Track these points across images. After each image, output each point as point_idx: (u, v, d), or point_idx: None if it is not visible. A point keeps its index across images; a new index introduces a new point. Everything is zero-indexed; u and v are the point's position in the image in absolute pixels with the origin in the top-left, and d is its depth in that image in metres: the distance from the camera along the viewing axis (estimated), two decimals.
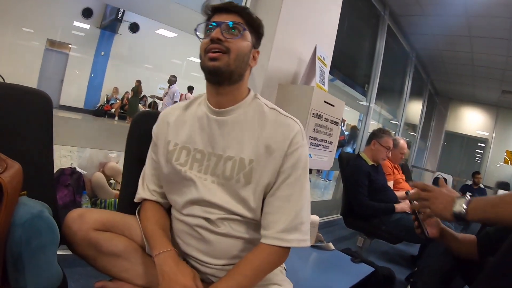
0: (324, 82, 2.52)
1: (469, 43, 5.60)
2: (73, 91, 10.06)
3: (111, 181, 2.41)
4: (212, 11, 1.00)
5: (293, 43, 2.47)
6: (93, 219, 0.95)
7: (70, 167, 2.22)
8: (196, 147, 1.01)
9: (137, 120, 1.23)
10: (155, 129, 1.10)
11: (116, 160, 2.54)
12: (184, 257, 1.02)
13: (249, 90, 1.06)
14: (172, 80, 8.40)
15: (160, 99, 9.69)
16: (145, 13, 2.18)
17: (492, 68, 6.47)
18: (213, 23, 0.96)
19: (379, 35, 5.08)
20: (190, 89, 9.23)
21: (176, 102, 6.77)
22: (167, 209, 1.12)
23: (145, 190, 1.10)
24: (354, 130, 7.83)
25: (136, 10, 2.14)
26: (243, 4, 2.46)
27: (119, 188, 2.26)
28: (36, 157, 1.02)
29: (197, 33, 1.01)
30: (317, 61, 2.45)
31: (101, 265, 0.98)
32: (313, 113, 2.18)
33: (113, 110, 10.65)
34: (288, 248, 0.97)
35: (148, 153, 1.12)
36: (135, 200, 1.11)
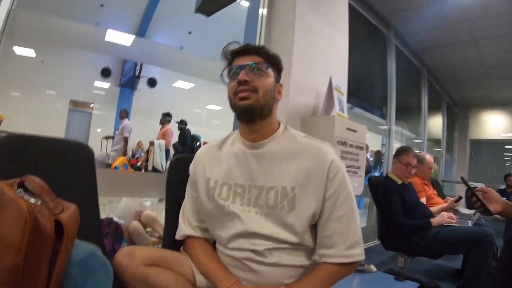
0: (343, 110, 2.63)
1: (475, 47, 5.64)
2: (98, 148, 10.44)
3: (148, 229, 2.48)
4: (232, 56, 1.10)
5: (309, 78, 2.61)
6: (141, 255, 1.00)
7: (107, 217, 2.31)
8: (236, 182, 1.07)
9: (173, 163, 1.34)
10: (192, 168, 1.18)
11: (151, 208, 2.62)
12: None
13: (279, 123, 1.14)
14: (123, 115, 7.51)
15: (112, 137, 9.37)
16: (164, 64, 2.34)
17: (504, 66, 6.44)
18: (236, 67, 1.06)
19: (388, 56, 5.21)
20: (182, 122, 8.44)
21: (127, 137, 6.78)
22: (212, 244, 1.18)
23: (186, 226, 1.16)
24: (378, 154, 7.81)
25: (155, 63, 2.30)
26: (257, 41, 2.65)
27: (156, 235, 2.35)
28: (83, 204, 1.06)
29: (222, 78, 1.12)
30: (334, 91, 2.57)
31: None
32: (337, 141, 2.27)
33: (139, 164, 10.90)
34: (354, 264, 1.04)
35: (186, 191, 1.20)
36: (177, 237, 1.16)
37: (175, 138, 7.70)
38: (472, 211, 3.08)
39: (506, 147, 9.66)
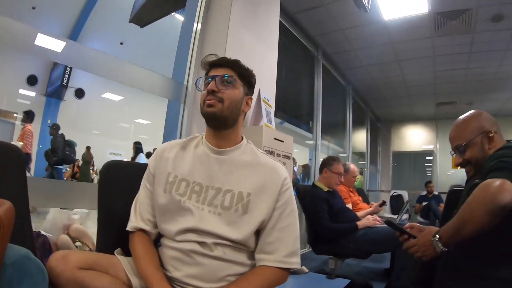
0: (271, 122, 2.73)
1: (398, 67, 6.17)
2: None
3: (77, 243, 2.35)
4: (210, 66, 1.19)
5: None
6: (76, 258, 0.99)
7: (34, 231, 2.16)
8: (195, 180, 1.12)
9: (106, 169, 1.32)
10: (152, 162, 1.20)
11: (79, 222, 2.51)
12: (173, 283, 1.06)
13: (242, 136, 1.23)
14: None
15: None
16: (97, 71, 2.26)
17: (423, 85, 7.11)
18: (210, 78, 1.14)
19: (316, 74, 5.50)
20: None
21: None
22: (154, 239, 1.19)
23: (138, 219, 1.16)
24: (306, 168, 8.08)
25: (88, 69, 2.21)
26: (188, 63, 2.68)
27: (85, 249, 2.25)
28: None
29: (197, 86, 1.19)
30: (262, 103, 2.67)
31: None
32: (265, 150, 2.34)
33: (64, 179, 10.31)
34: (288, 271, 1.12)
35: (141, 184, 1.21)
36: (128, 228, 1.16)
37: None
38: (395, 216, 3.30)
39: (426, 158, 10.46)
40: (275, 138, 2.49)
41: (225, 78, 1.14)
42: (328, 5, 4.32)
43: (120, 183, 1.24)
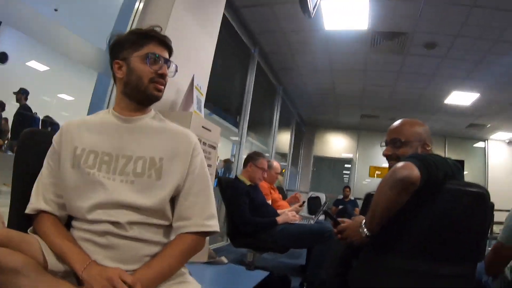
0: (200, 110, 2.67)
1: (330, 76, 6.42)
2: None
3: None
4: (149, 37, 1.13)
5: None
6: None
7: None
8: (104, 151, 1.06)
9: (25, 137, 1.19)
10: (57, 138, 1.11)
11: None
12: None
13: (151, 108, 1.20)
14: None
15: None
16: (24, 29, 2.05)
17: (351, 96, 7.47)
18: (158, 56, 1.11)
19: (249, 70, 5.51)
20: None
21: None
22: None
23: (39, 200, 1.06)
24: (228, 163, 8.10)
25: (18, 26, 2.00)
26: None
27: None
28: None
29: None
30: (194, 90, 2.60)
31: (1, 286, 0.88)
32: None
33: None
34: (206, 235, 1.10)
35: (44, 163, 1.11)
36: (27, 211, 1.05)
37: None
38: (313, 216, 3.42)
39: (345, 165, 11.04)
40: (203, 127, 2.45)
41: (169, 62, 1.16)
42: (275, 6, 4.36)
43: (38, 152, 1.13)
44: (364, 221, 1.33)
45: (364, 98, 7.50)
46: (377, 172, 9.99)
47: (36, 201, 1.06)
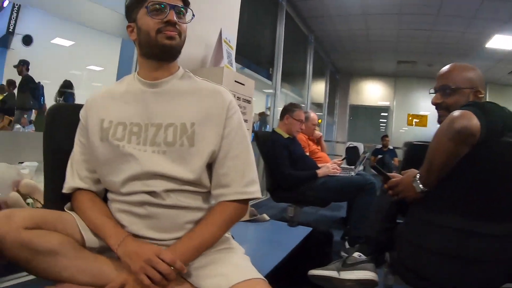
0: (232, 64, 2.57)
1: (363, 20, 6.09)
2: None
3: (28, 200, 2.18)
4: None
5: (199, 29, 2.48)
6: (22, 217, 0.86)
7: None
8: (132, 121, 1.00)
9: (52, 112, 1.16)
10: (83, 113, 1.06)
11: (29, 176, 2.33)
12: None
13: (178, 66, 1.10)
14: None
15: None
16: (43, 5, 2.01)
17: (386, 41, 7.11)
18: (164, 4, 0.99)
19: (278, 20, 5.29)
20: None
21: None
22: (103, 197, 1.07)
23: (75, 178, 1.04)
24: (263, 116, 8.03)
25: (36, 4, 1.96)
26: None
27: (38, 206, 2.10)
28: None
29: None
30: (223, 43, 2.49)
31: (40, 268, 0.88)
32: None
33: None
34: (247, 201, 1.04)
35: (75, 140, 1.07)
36: (64, 190, 1.04)
37: None
38: (352, 167, 3.34)
39: (381, 114, 10.75)
40: (235, 81, 2.35)
41: (182, 9, 1.03)
42: None
43: (67, 127, 1.08)
44: (418, 175, 1.24)
45: (400, 43, 7.14)
46: (415, 120, 9.71)
47: (72, 180, 1.04)
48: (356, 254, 1.58)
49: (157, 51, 1.00)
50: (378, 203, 1.68)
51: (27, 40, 9.95)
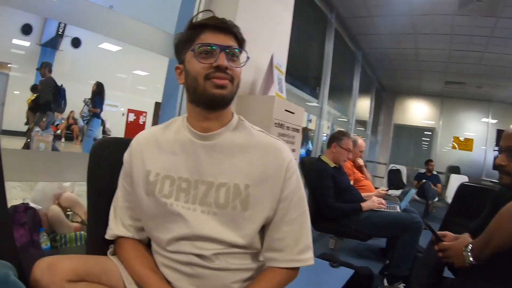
0: (282, 91, 2.54)
1: (413, 40, 5.93)
2: (15, 114, 9.44)
3: (68, 213, 2.21)
4: (202, 27, 0.92)
5: (250, 53, 2.45)
6: (64, 268, 0.83)
7: (23, 203, 2.00)
8: (180, 176, 0.93)
9: (96, 148, 1.12)
10: (127, 157, 1.00)
11: (71, 189, 2.36)
12: None
13: (232, 112, 1.01)
14: None
15: None
16: (89, 26, 2.05)
17: (435, 61, 6.89)
18: (214, 47, 0.89)
19: (327, 38, 5.22)
20: None
21: None
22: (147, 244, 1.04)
23: (118, 225, 1.00)
24: (305, 131, 7.94)
25: (80, 24, 2.01)
26: (195, 11, 2.43)
27: (78, 220, 2.12)
28: None
29: (194, 52, 0.92)
30: (275, 69, 2.46)
31: None
32: (275, 123, 2.17)
33: (59, 131, 10.19)
34: (298, 268, 0.97)
35: (119, 183, 1.02)
36: (107, 236, 1.01)
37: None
38: (398, 192, 3.23)
39: (425, 133, 10.41)
40: (286, 110, 2.31)
41: (236, 51, 0.93)
42: None
43: (112, 165, 1.06)
44: (470, 246, 1.17)
45: (450, 64, 6.88)
46: (460, 143, 9.36)
47: (115, 227, 1.00)
48: None
49: (205, 100, 0.91)
50: (426, 255, 1.61)
51: (76, 43, 10.46)
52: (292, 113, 2.37)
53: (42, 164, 1.76)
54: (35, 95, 6.23)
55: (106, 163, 1.08)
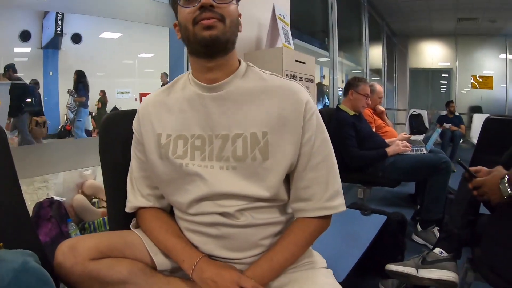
0: (289, 42, 2.42)
1: None
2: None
3: (94, 200, 2.22)
4: None
5: (250, 8, 2.36)
6: (86, 247, 0.81)
7: (47, 198, 2.00)
8: (193, 133, 0.88)
9: (105, 124, 1.09)
10: (136, 125, 0.96)
11: (93, 177, 2.36)
12: None
13: (239, 60, 0.94)
14: None
15: None
16: (86, 11, 2.00)
17: None
18: None
19: None
20: None
21: None
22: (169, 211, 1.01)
23: (137, 196, 0.97)
24: (320, 86, 7.77)
25: (77, 10, 1.95)
26: None
27: (103, 205, 2.14)
28: (3, 200, 0.88)
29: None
30: (278, 21, 2.35)
31: None
32: (287, 74, 2.10)
33: (91, 128, 10.34)
34: (331, 216, 0.92)
35: (132, 154, 0.99)
36: (127, 210, 0.98)
37: None
38: (421, 137, 3.14)
39: (443, 75, 10.05)
40: (296, 60, 2.21)
41: None
42: None
43: (123, 138, 1.03)
44: (507, 177, 1.11)
45: None
46: (479, 82, 9.04)
47: (134, 198, 0.97)
48: (437, 250, 1.48)
49: (198, 47, 0.84)
50: (459, 193, 1.54)
51: (76, 38, 10.41)
52: (303, 63, 2.28)
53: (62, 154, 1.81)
54: None
55: (117, 138, 1.06)
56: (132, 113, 1.01)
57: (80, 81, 6.00)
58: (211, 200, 0.86)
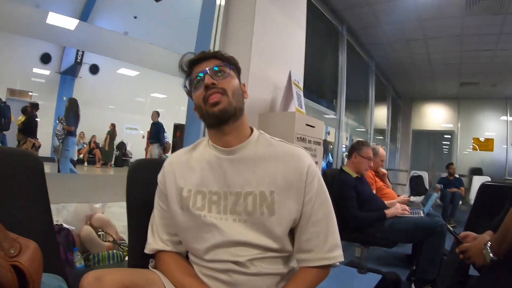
0: (301, 106, 2.63)
1: (424, 45, 5.97)
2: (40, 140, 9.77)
3: (100, 233, 2.29)
4: (190, 66, 1.08)
5: (268, 72, 2.56)
6: (112, 281, 0.87)
7: (57, 224, 2.08)
8: (210, 190, 1.02)
9: (134, 169, 1.23)
10: (161, 178, 1.10)
11: (101, 210, 2.47)
12: None
13: (251, 128, 1.11)
14: None
15: None
16: (107, 53, 2.13)
17: (448, 64, 6.89)
18: (200, 74, 1.03)
19: (340, 50, 5.32)
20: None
21: None
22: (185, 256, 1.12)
23: (157, 240, 1.08)
24: (325, 144, 7.95)
25: (98, 51, 2.08)
26: (212, 41, 2.54)
27: (109, 239, 2.22)
28: (36, 225, 0.98)
29: (187, 89, 1.09)
30: (293, 86, 2.55)
31: None
32: (297, 137, 2.27)
33: (81, 156, 10.48)
34: (330, 266, 1.05)
35: (155, 203, 1.12)
36: (146, 251, 1.09)
37: None
38: (420, 198, 3.24)
39: (445, 136, 10.29)
40: (307, 124, 2.40)
41: (216, 69, 1.04)
42: None
43: (148, 184, 1.16)
44: (489, 243, 1.23)
45: (462, 65, 6.87)
46: (480, 144, 9.26)
47: (153, 242, 1.08)
48: None
49: (211, 121, 1.02)
50: (450, 255, 1.67)
51: (94, 70, 10.82)
52: (313, 127, 2.46)
53: (79, 187, 1.87)
54: (26, 117, 6.60)
55: (143, 182, 1.19)
56: (157, 162, 1.17)
57: (72, 110, 6.07)
58: (225, 247, 0.98)
